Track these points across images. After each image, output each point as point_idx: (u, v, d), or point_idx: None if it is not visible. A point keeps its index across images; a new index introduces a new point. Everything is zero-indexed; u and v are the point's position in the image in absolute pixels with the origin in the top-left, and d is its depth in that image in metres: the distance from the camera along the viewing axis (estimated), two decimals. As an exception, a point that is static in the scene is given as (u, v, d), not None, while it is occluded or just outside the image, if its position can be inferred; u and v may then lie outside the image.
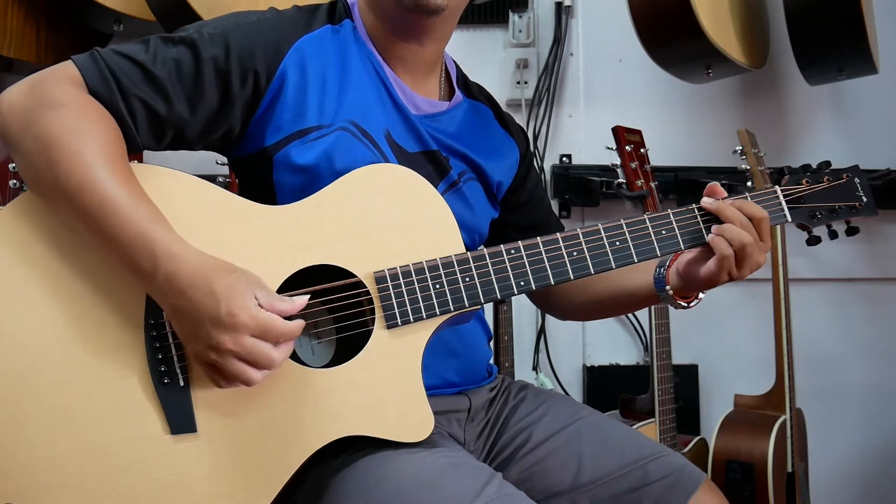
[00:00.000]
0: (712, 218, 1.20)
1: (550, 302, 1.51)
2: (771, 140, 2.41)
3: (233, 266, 0.99)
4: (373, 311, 1.09)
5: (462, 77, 1.40)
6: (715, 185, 1.22)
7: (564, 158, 2.50)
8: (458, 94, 1.36)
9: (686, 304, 1.29)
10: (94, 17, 2.01)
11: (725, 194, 1.22)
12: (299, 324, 0.98)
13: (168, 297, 0.97)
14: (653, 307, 2.05)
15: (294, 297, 1.00)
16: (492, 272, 1.12)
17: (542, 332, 2.50)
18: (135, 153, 1.09)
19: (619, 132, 2.03)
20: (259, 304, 0.95)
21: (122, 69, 1.06)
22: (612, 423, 1.32)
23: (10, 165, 1.84)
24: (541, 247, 1.14)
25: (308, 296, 1.01)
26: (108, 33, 2.10)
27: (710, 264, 1.18)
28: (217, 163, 1.98)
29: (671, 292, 1.26)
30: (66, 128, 0.99)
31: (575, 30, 2.52)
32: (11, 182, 1.84)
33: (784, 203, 1.27)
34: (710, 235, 1.18)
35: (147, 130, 1.09)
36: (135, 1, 1.93)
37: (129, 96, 1.06)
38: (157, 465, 1.02)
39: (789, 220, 1.28)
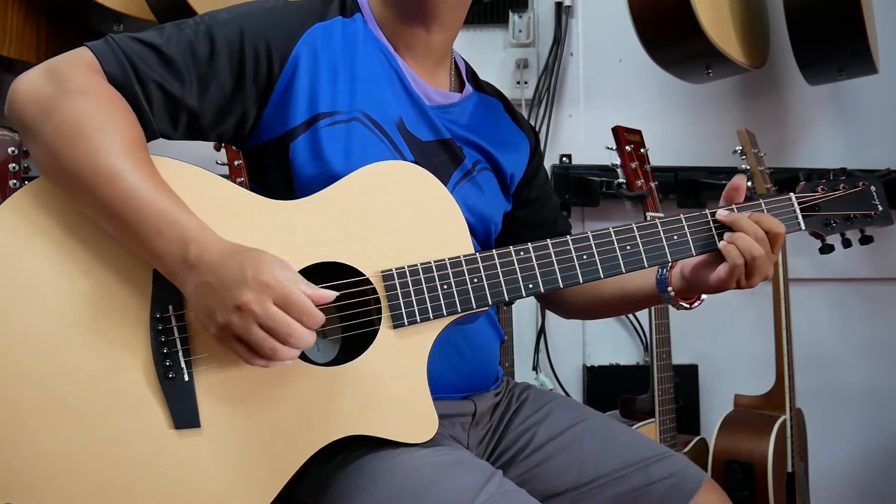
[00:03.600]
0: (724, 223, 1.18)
1: (554, 302, 1.52)
2: (771, 140, 2.42)
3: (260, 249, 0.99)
4: (379, 310, 1.09)
5: (471, 72, 1.40)
6: (740, 180, 1.20)
7: (564, 158, 2.50)
8: (469, 87, 1.35)
9: (688, 306, 1.29)
10: (94, 17, 2.00)
11: (745, 191, 1.20)
12: (321, 315, 0.96)
13: (195, 275, 0.96)
14: (653, 307, 2.05)
15: (320, 287, 0.98)
16: (500, 273, 1.11)
17: (542, 332, 2.49)
18: (150, 139, 1.08)
19: (619, 132, 2.03)
20: None
21: (138, 53, 1.06)
22: (614, 426, 1.32)
23: (11, 165, 1.83)
24: (550, 249, 1.13)
25: (336, 293, 0.99)
26: (108, 33, 2.09)
27: (720, 272, 1.17)
28: (217, 163, 1.98)
29: (673, 294, 1.26)
30: (90, 116, 0.98)
31: (575, 30, 2.52)
32: (11, 182, 1.83)
33: (798, 211, 1.24)
34: (721, 242, 1.16)
35: (163, 115, 1.08)
36: (135, 1, 1.93)
37: (145, 80, 1.05)
38: (159, 459, 1.01)
39: (803, 228, 1.25)
